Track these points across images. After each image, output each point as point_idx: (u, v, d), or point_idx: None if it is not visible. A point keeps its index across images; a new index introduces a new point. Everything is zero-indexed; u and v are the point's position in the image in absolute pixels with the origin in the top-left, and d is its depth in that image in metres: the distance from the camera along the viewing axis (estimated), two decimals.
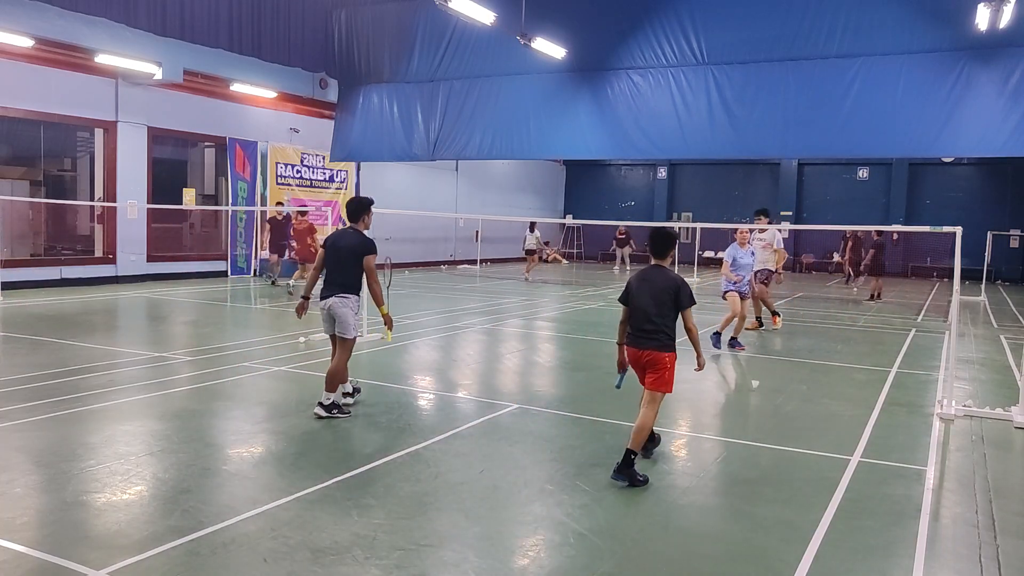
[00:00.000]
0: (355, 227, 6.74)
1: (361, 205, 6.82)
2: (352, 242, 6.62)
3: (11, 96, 15.64)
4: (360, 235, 6.68)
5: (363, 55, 20.27)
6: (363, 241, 6.61)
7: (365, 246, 6.58)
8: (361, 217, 6.76)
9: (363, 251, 6.55)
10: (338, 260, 6.63)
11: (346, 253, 6.59)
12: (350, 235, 6.67)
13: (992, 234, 23.28)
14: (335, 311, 6.54)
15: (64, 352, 9.17)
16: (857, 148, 16.18)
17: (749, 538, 4.36)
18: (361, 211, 6.77)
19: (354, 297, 6.61)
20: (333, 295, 6.54)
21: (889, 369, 9.55)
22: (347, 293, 6.56)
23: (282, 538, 4.13)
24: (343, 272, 6.59)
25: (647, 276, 5.47)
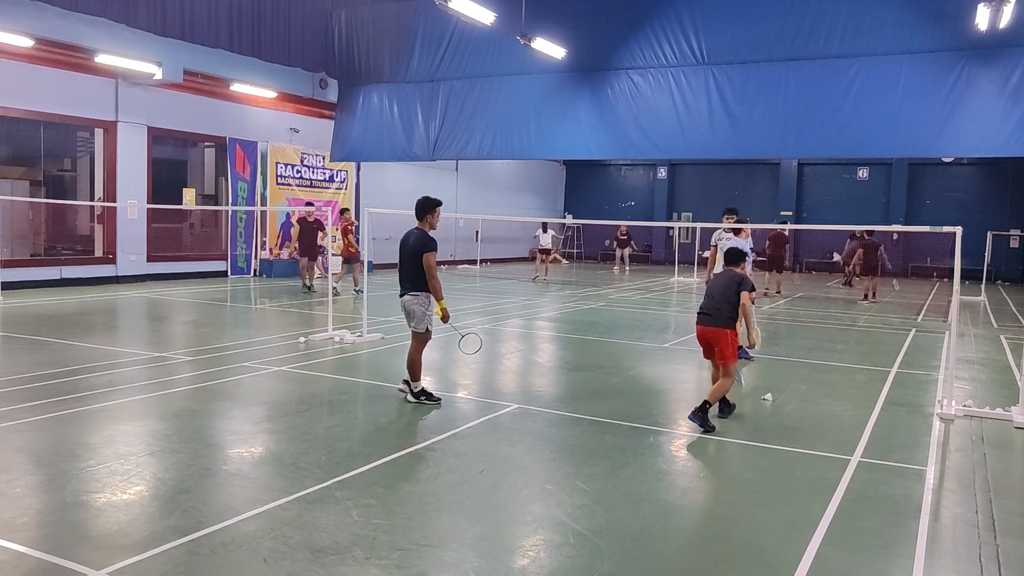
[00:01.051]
0: (420, 227, 7.14)
1: (425, 205, 7.20)
2: (414, 241, 7.03)
3: (11, 96, 15.64)
4: (422, 234, 7.06)
5: (363, 55, 20.28)
6: (423, 240, 6.99)
7: (424, 245, 6.95)
8: (425, 217, 7.15)
9: (422, 249, 6.93)
10: (405, 259, 7.11)
11: (410, 252, 7.02)
12: (414, 235, 7.09)
13: (992, 234, 23.27)
14: (408, 307, 7.06)
15: (64, 352, 9.17)
16: (857, 148, 16.18)
17: (749, 538, 4.36)
18: (425, 211, 7.17)
19: (425, 293, 6.99)
20: (406, 292, 7.06)
21: (889, 369, 9.55)
22: (417, 290, 6.99)
23: (282, 538, 4.13)
24: (410, 270, 7.02)
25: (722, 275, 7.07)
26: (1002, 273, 27.66)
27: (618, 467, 5.49)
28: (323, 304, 13.76)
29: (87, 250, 17.95)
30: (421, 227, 7.14)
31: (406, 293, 7.06)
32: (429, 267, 6.91)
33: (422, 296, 6.98)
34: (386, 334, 11.11)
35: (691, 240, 30.01)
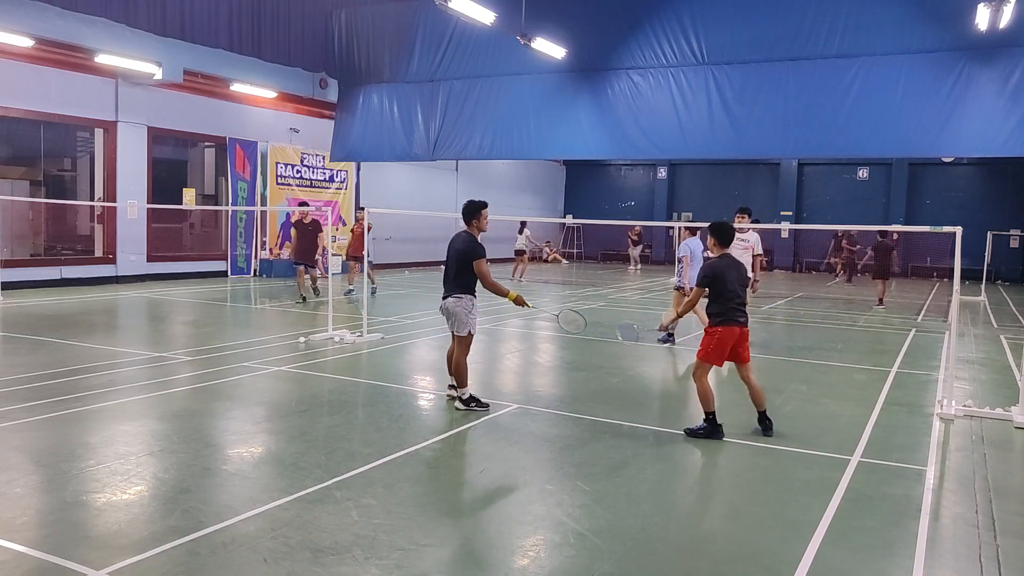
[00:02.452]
0: (468, 230, 6.99)
1: (471, 209, 7.00)
2: (460, 246, 6.89)
3: (11, 96, 15.64)
4: (468, 238, 6.90)
5: (363, 55, 20.27)
6: (470, 246, 6.82)
7: (471, 251, 6.79)
8: (471, 220, 6.96)
9: (470, 256, 6.78)
10: (450, 261, 6.96)
11: (455, 255, 6.90)
12: (461, 239, 6.95)
13: (992, 234, 23.28)
14: (451, 309, 6.87)
15: (64, 352, 9.17)
16: (857, 148, 16.17)
17: (749, 538, 4.36)
18: (471, 215, 6.97)
19: (468, 296, 6.84)
20: (450, 295, 6.88)
21: (889, 369, 9.55)
22: (461, 293, 6.84)
23: (282, 538, 4.13)
24: (454, 272, 6.89)
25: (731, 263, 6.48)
26: (1002, 273, 27.65)
27: (618, 467, 5.49)
28: (323, 304, 13.75)
29: (87, 250, 17.95)
30: (469, 231, 7.00)
31: (449, 295, 6.90)
32: (482, 274, 6.80)
33: (466, 299, 6.84)
34: (386, 334, 11.11)
35: None
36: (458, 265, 6.85)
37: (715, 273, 6.36)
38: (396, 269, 25.01)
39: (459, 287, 6.85)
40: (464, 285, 6.84)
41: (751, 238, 11.87)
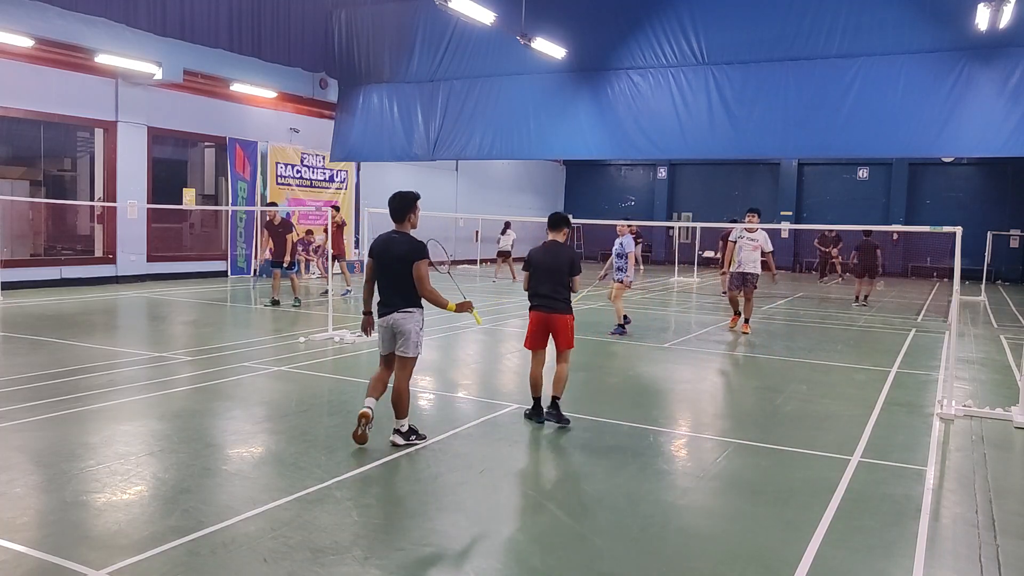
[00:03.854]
0: (400, 229, 5.88)
1: (405, 202, 5.89)
2: (400, 249, 5.73)
3: (11, 96, 15.64)
4: (407, 239, 5.80)
5: (363, 55, 20.28)
6: (414, 247, 5.73)
7: (416, 251, 5.71)
8: (407, 216, 5.89)
9: (414, 257, 5.69)
10: (390, 271, 5.78)
11: (396, 261, 5.72)
12: (398, 240, 5.78)
13: (992, 234, 23.28)
14: (399, 327, 5.74)
15: (64, 352, 9.17)
16: (857, 148, 16.18)
17: (749, 538, 4.36)
18: (406, 209, 5.88)
19: (418, 311, 5.79)
20: (395, 310, 5.76)
21: (889, 369, 9.55)
22: (410, 307, 5.75)
23: (282, 538, 4.13)
24: (399, 284, 5.74)
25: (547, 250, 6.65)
26: (1002, 273, 27.65)
27: (618, 467, 5.49)
28: (323, 304, 13.75)
29: (87, 250, 17.95)
30: (402, 229, 5.87)
31: (395, 310, 5.74)
32: (422, 279, 5.67)
33: (416, 313, 5.77)
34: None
35: (691, 240, 29.99)
36: (401, 271, 5.71)
37: (528, 259, 6.72)
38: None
39: (407, 300, 5.74)
40: (411, 296, 5.75)
41: (759, 237, 12.34)
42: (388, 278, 5.81)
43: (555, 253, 6.61)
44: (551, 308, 6.51)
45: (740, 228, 12.57)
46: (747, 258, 12.27)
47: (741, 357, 10.45)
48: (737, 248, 12.37)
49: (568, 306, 6.57)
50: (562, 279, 6.53)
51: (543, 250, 6.68)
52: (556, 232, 6.75)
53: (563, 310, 6.52)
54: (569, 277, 6.57)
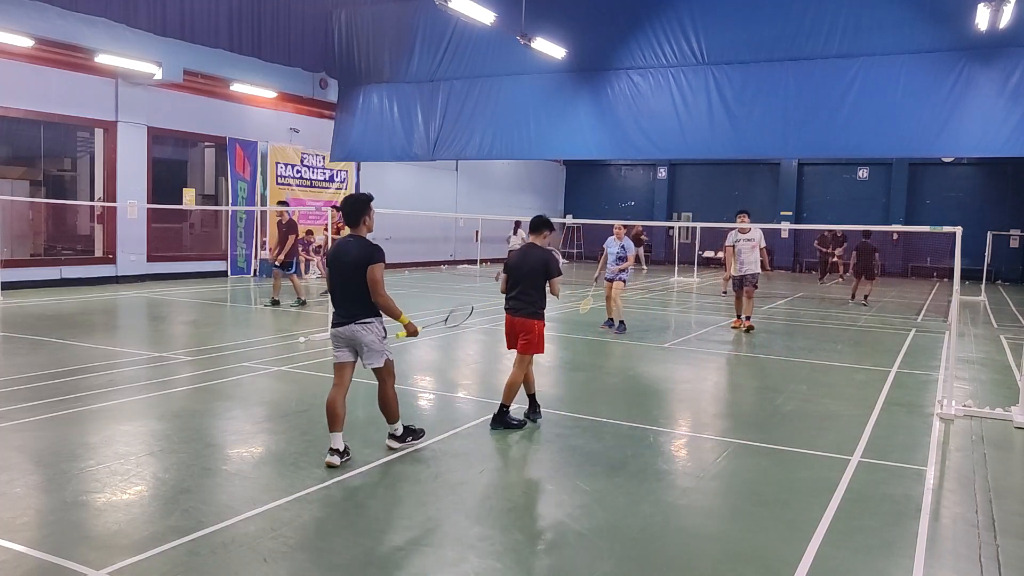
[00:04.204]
0: (355, 233, 5.56)
1: (358, 205, 5.56)
2: (357, 253, 5.39)
3: (11, 96, 15.64)
4: (363, 243, 5.46)
5: (363, 55, 20.28)
6: (369, 251, 5.38)
7: (371, 256, 5.35)
8: (361, 219, 5.54)
9: (369, 261, 5.33)
10: (346, 278, 5.43)
11: (352, 267, 5.38)
12: (351, 245, 5.45)
13: (992, 234, 23.29)
14: (358, 338, 5.43)
15: (64, 352, 9.17)
16: (857, 148, 16.18)
17: (749, 538, 4.36)
18: (360, 212, 5.53)
19: (377, 320, 5.47)
20: (351, 320, 5.42)
21: (889, 369, 9.55)
22: (368, 316, 5.43)
23: (282, 538, 4.13)
24: (355, 292, 5.40)
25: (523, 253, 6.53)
26: (1002, 273, 27.65)
27: (618, 467, 5.49)
28: (323, 304, 13.75)
29: (87, 250, 17.95)
30: (357, 233, 5.53)
31: (352, 321, 5.40)
32: (376, 283, 5.31)
33: (375, 323, 5.43)
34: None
35: (691, 240, 30.00)
36: (357, 278, 5.35)
37: (506, 263, 6.65)
38: (396, 269, 25.01)
39: (364, 308, 5.39)
40: (369, 305, 5.40)
41: (755, 235, 12.61)
42: (343, 285, 5.46)
43: (529, 256, 6.46)
44: (517, 311, 6.40)
45: (735, 231, 12.72)
46: (748, 258, 12.53)
47: (741, 357, 10.45)
48: (736, 251, 12.62)
49: (537, 311, 6.37)
50: (535, 282, 6.36)
51: (519, 253, 6.60)
52: (536, 235, 6.60)
53: (530, 314, 6.35)
54: (547, 280, 6.40)
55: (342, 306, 5.49)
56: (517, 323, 6.41)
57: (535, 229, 6.64)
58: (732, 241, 12.71)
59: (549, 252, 6.53)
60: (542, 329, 6.44)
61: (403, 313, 5.52)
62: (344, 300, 5.49)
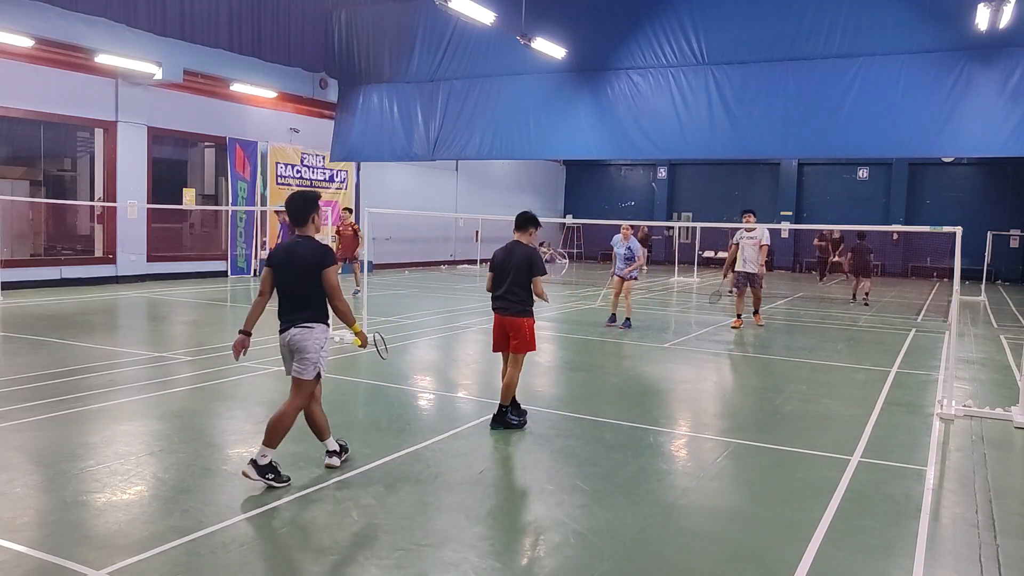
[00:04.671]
0: (303, 233, 5.20)
1: (306, 203, 5.20)
2: (307, 255, 5.07)
3: (11, 96, 15.65)
4: (314, 244, 5.15)
5: (363, 55, 20.28)
6: (320, 253, 5.09)
7: (322, 259, 5.06)
8: (309, 218, 5.19)
9: (320, 265, 5.04)
10: (293, 280, 5.12)
11: (300, 269, 5.07)
12: (301, 246, 5.12)
13: (992, 234, 23.28)
14: (296, 344, 5.07)
15: (64, 352, 9.17)
16: (857, 148, 16.18)
17: (749, 538, 4.36)
18: (307, 211, 5.18)
19: (321, 326, 5.11)
20: (293, 325, 5.09)
21: (889, 369, 9.55)
22: (311, 321, 5.09)
23: (282, 538, 4.13)
24: (302, 294, 5.10)
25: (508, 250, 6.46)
26: (1002, 273, 27.66)
27: (618, 467, 5.49)
28: None
29: (87, 250, 17.95)
30: (305, 233, 5.18)
31: (293, 326, 5.08)
32: (334, 289, 5.03)
33: (318, 329, 5.08)
34: (386, 334, 11.09)
35: (691, 240, 30.00)
36: (307, 281, 5.06)
37: (492, 261, 6.56)
38: (396, 269, 25.01)
39: (309, 313, 5.07)
40: (316, 310, 5.10)
41: (758, 233, 12.84)
42: (290, 289, 5.14)
43: (513, 254, 6.40)
44: (506, 311, 6.36)
45: (741, 230, 12.97)
46: (750, 256, 12.76)
47: (741, 357, 10.45)
48: (740, 248, 12.85)
49: (525, 308, 6.35)
50: (519, 280, 6.32)
51: (503, 251, 6.50)
52: (521, 233, 6.54)
53: (518, 312, 6.32)
54: (531, 279, 6.33)
55: (288, 311, 5.16)
56: (507, 323, 6.38)
57: (521, 226, 6.58)
58: (737, 239, 13.02)
59: (534, 250, 6.48)
60: (532, 326, 6.42)
61: (356, 322, 5.21)
62: (290, 305, 5.15)
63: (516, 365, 6.41)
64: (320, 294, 5.09)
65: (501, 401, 6.42)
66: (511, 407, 6.46)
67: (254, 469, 4.89)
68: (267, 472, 4.92)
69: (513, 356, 6.40)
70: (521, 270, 6.32)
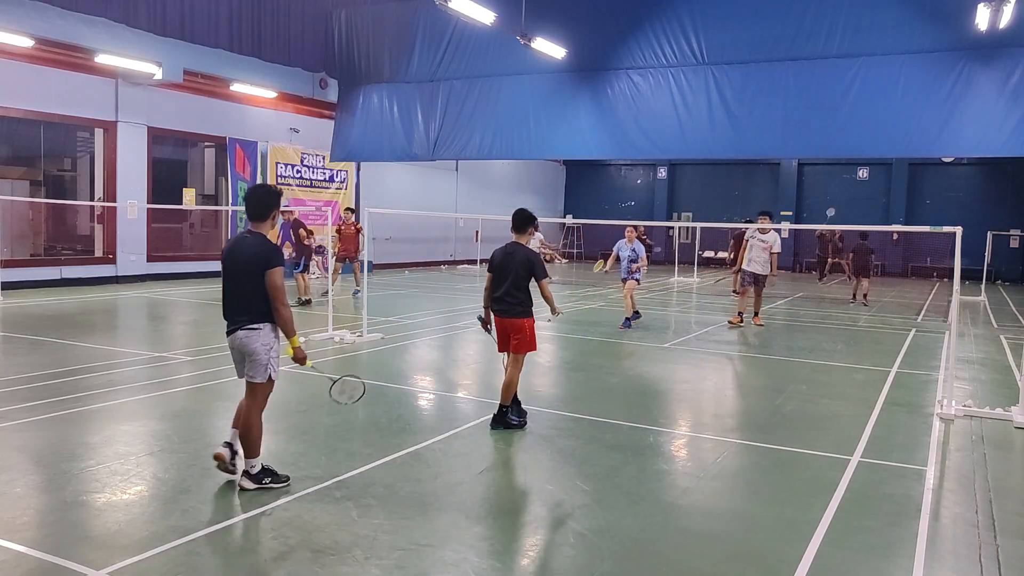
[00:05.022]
0: (256, 228, 4.98)
1: (268, 198, 4.98)
2: (252, 254, 4.84)
3: (11, 96, 15.65)
4: (261, 241, 4.91)
5: (363, 55, 20.28)
6: (263, 250, 4.84)
7: (268, 258, 4.80)
8: (270, 214, 4.99)
9: (266, 265, 4.79)
10: (237, 277, 4.92)
11: (245, 268, 4.86)
12: (248, 243, 4.90)
13: (992, 234, 23.28)
14: (244, 347, 4.88)
15: (64, 352, 9.17)
16: (857, 148, 16.19)
17: (749, 538, 4.36)
18: (269, 205, 4.97)
19: (267, 326, 4.89)
20: (241, 326, 4.89)
21: (889, 369, 9.55)
22: (257, 322, 4.87)
23: (282, 538, 4.13)
24: (247, 294, 4.88)
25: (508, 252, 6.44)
26: (1002, 273, 27.65)
27: (618, 467, 5.49)
28: (323, 304, 13.75)
29: (87, 250, 17.95)
30: (258, 230, 4.97)
31: (239, 328, 4.89)
32: (276, 288, 4.79)
33: (265, 329, 4.86)
34: (386, 334, 11.11)
35: (691, 240, 30.00)
36: (252, 280, 4.83)
37: (491, 261, 6.53)
38: (396, 269, 25.01)
39: (255, 313, 4.86)
40: (262, 311, 4.86)
41: (769, 238, 12.92)
42: (234, 288, 4.93)
43: (515, 255, 6.39)
44: (505, 312, 6.37)
45: (753, 229, 13.08)
46: (757, 257, 12.88)
47: (741, 357, 10.45)
48: (748, 247, 12.98)
49: (525, 309, 6.35)
50: (518, 282, 6.32)
51: (502, 252, 6.48)
52: (520, 234, 6.52)
53: (518, 313, 6.33)
54: (529, 281, 6.33)
55: (231, 311, 4.96)
56: (508, 324, 6.39)
57: (520, 228, 6.53)
58: (748, 236, 13.13)
59: (535, 253, 6.51)
60: (532, 326, 6.44)
61: (296, 335, 4.92)
62: (234, 304, 4.94)
63: (516, 365, 6.43)
64: (264, 294, 4.83)
65: (501, 401, 6.42)
66: (513, 406, 6.47)
67: (249, 479, 4.83)
68: (263, 477, 4.87)
69: (514, 356, 6.42)
70: (520, 273, 6.33)
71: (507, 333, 6.42)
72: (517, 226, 6.55)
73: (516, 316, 6.35)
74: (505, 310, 6.38)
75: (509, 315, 6.37)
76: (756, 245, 12.87)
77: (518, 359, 6.43)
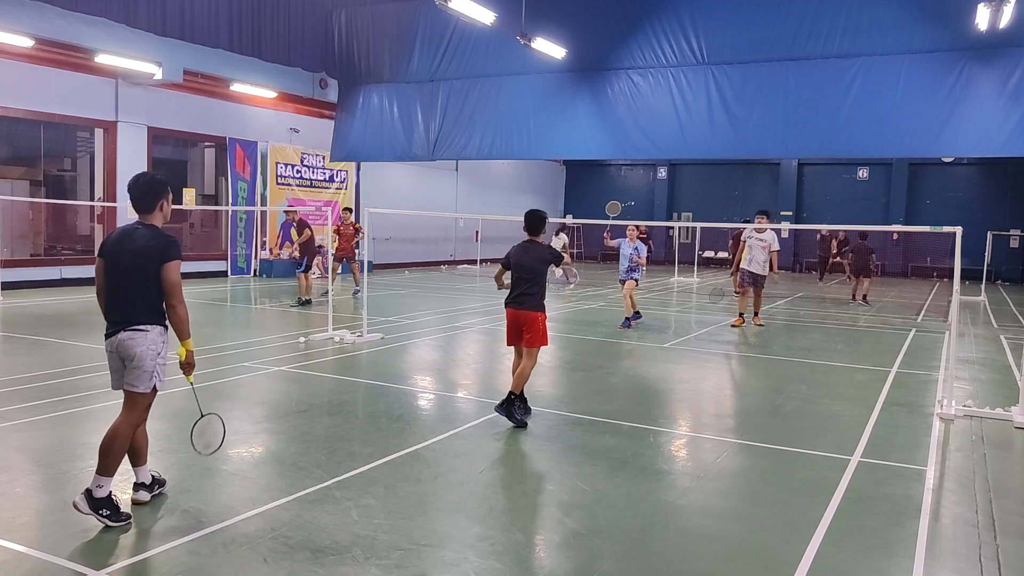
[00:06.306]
0: (146, 221, 4.49)
1: (154, 186, 4.53)
2: (143, 245, 4.32)
3: (11, 96, 15.65)
4: (154, 233, 4.42)
5: (363, 55, 20.29)
6: (158, 242, 4.35)
7: (162, 249, 4.32)
8: (157, 205, 4.52)
9: (160, 257, 4.30)
10: (124, 273, 4.31)
11: (132, 261, 4.29)
12: (139, 234, 4.38)
13: (992, 234, 23.29)
14: (126, 350, 4.32)
15: (64, 352, 9.17)
16: (857, 148, 16.20)
17: (749, 538, 4.36)
18: (156, 195, 4.51)
19: (156, 328, 4.39)
20: (122, 328, 4.31)
21: (889, 369, 9.55)
22: (144, 323, 4.32)
23: (282, 538, 4.13)
24: (134, 292, 4.31)
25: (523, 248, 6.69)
26: (1002, 273, 27.66)
27: (618, 467, 5.49)
28: (323, 304, 13.75)
29: (87, 250, 17.95)
30: (148, 222, 4.48)
31: (121, 329, 4.30)
32: (173, 284, 4.30)
33: (152, 332, 4.35)
34: (386, 334, 11.11)
35: (691, 240, 30.01)
36: (142, 276, 4.28)
37: (507, 256, 6.76)
38: (396, 269, 25.02)
39: (142, 313, 4.31)
40: (150, 310, 4.34)
41: (768, 237, 12.92)
42: (120, 284, 4.32)
43: (531, 251, 6.65)
44: (520, 304, 6.58)
45: (751, 228, 13.03)
46: (756, 257, 12.88)
47: (741, 357, 10.45)
48: (747, 247, 12.96)
49: (539, 303, 6.58)
50: (536, 277, 6.56)
51: (520, 248, 6.74)
52: (535, 235, 6.74)
53: (533, 307, 6.56)
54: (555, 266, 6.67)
55: (114, 310, 4.35)
56: (521, 316, 6.57)
57: (534, 230, 6.73)
58: (746, 236, 13.11)
59: (550, 247, 6.80)
60: (544, 321, 6.64)
61: (189, 339, 4.47)
62: (117, 302, 4.34)
63: (531, 357, 6.65)
64: (156, 292, 4.31)
65: (512, 388, 6.55)
66: (519, 401, 6.55)
67: (86, 501, 4.14)
68: (101, 507, 4.16)
69: (527, 350, 6.64)
70: (537, 268, 6.58)
71: (519, 325, 6.61)
72: (531, 227, 6.73)
73: (530, 308, 6.55)
74: (520, 302, 6.59)
75: (523, 307, 6.57)
76: (755, 245, 12.88)
77: (532, 352, 6.64)
